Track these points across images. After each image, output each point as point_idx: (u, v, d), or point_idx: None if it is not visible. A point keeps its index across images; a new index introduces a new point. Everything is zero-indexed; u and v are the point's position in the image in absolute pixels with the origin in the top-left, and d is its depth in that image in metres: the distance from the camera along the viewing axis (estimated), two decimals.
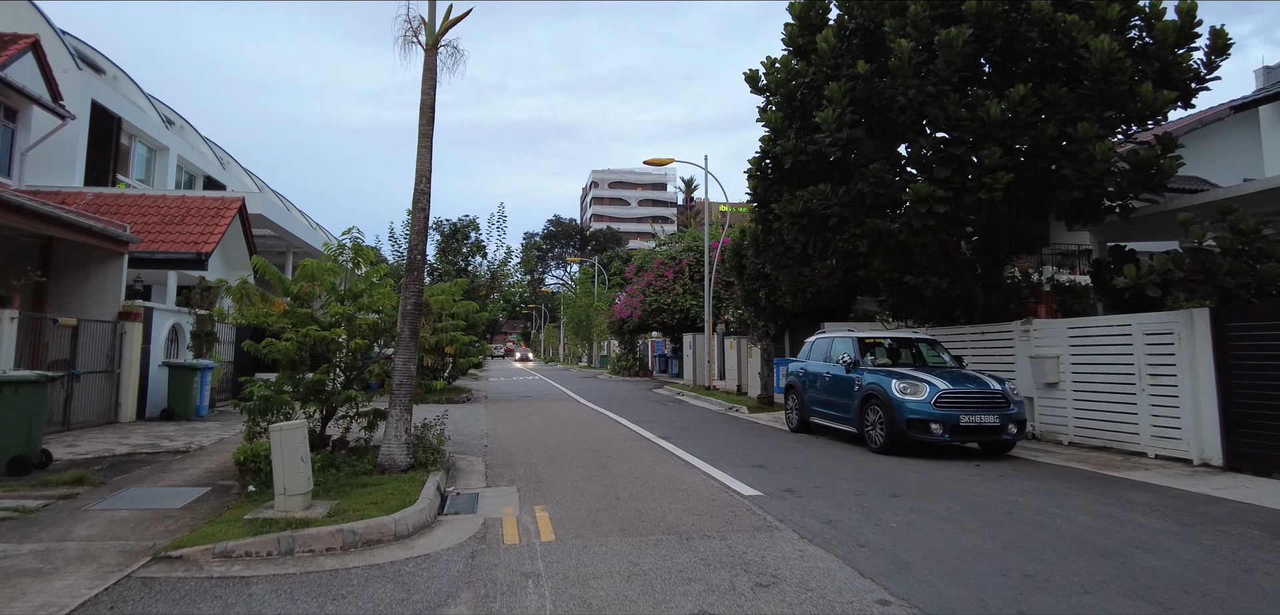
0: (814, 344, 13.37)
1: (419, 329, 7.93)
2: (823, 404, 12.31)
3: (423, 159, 8.15)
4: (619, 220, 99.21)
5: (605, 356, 49.46)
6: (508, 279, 23.51)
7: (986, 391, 10.31)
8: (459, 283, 9.06)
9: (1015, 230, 12.88)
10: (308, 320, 7.96)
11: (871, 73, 11.85)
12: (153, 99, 30.15)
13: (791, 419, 13.32)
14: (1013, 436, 10.28)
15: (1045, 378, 11.98)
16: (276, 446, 6.01)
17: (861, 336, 12.12)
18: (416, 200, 8.10)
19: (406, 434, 7.83)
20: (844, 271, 15.91)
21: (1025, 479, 8.54)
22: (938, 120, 11.36)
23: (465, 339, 8.83)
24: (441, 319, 8.97)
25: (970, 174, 11.48)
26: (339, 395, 7.99)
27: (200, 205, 18.44)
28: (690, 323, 29.51)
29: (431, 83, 8.26)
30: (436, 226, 22.37)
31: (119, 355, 13.02)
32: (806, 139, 12.72)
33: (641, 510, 6.69)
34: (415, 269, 7.98)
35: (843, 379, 11.66)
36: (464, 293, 11.74)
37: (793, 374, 13.49)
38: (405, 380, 7.85)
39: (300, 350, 8.05)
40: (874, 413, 10.71)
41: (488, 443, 11.08)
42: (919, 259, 13.74)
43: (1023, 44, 11.75)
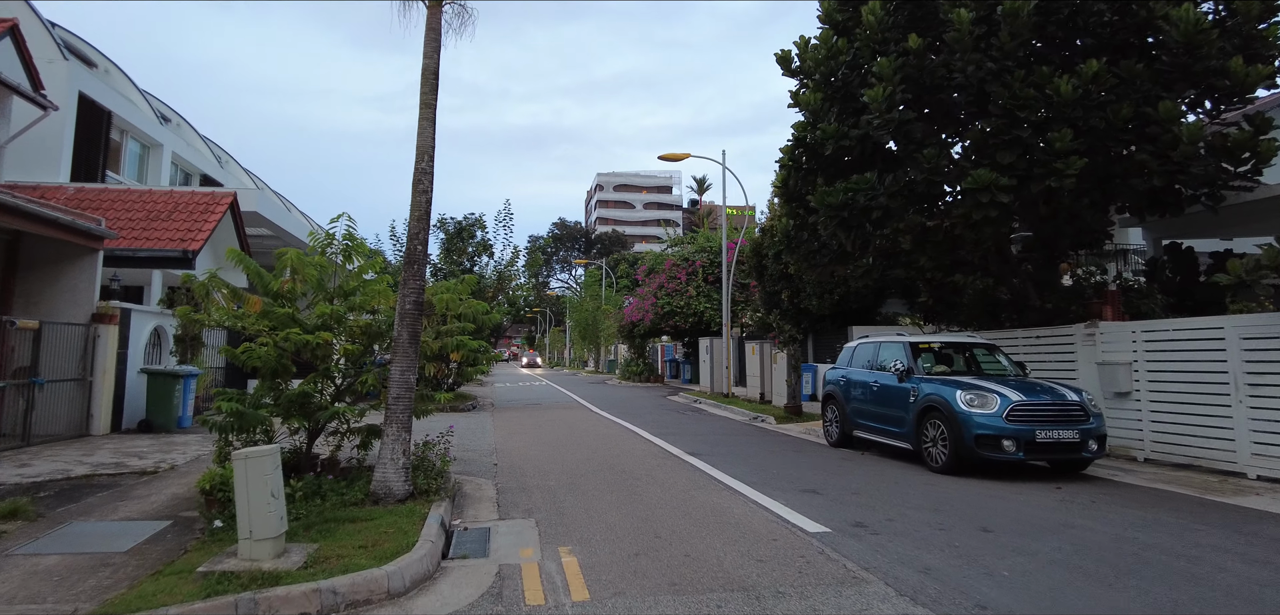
0: (855, 350, 12.14)
1: (420, 332, 6.75)
2: (869, 416, 11.09)
3: (424, 133, 6.97)
4: (624, 223, 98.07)
5: (613, 361, 48.25)
6: (514, 281, 22.34)
7: (1063, 403, 9.08)
8: (466, 279, 7.90)
9: (1078, 223, 11.65)
10: (288, 322, 6.78)
11: (924, 48, 10.65)
12: (148, 95, 29.05)
13: (831, 432, 12.10)
14: (1093, 454, 9.04)
15: (1116, 386, 10.74)
16: (240, 479, 4.82)
17: (914, 341, 10.88)
18: (417, 181, 6.92)
19: (404, 456, 6.63)
20: (880, 271, 14.69)
21: (1123, 506, 7.31)
22: (1000, 100, 10.15)
23: (473, 344, 7.67)
24: (445, 321, 7.81)
25: (1035, 160, 10.26)
26: (325, 410, 6.80)
27: (188, 201, 17.31)
28: (704, 326, 28.30)
29: (435, 43, 7.09)
30: (441, 225, 21.24)
31: (91, 361, 11.86)
32: (849, 123, 11.52)
33: (690, 554, 5.48)
34: (415, 262, 6.80)
35: (894, 389, 10.44)
36: (471, 291, 10.62)
37: (832, 383, 12.26)
38: (403, 393, 6.66)
39: (281, 357, 6.86)
40: (934, 427, 9.49)
41: (498, 460, 9.88)
42: (970, 256, 12.51)
43: (1089, 17, 10.54)
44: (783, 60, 13.19)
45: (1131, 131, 10.16)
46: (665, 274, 29.72)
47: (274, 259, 7.23)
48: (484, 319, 8.47)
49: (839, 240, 12.68)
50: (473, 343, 7.75)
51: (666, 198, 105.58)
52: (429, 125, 7.00)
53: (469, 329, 7.98)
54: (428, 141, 6.97)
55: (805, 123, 12.42)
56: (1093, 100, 9.96)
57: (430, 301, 7.81)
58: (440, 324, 7.92)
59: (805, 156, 13.06)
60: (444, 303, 7.82)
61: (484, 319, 8.47)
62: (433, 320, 8.01)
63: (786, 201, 14.43)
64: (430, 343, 7.57)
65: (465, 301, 8.21)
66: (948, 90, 10.92)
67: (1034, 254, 13.15)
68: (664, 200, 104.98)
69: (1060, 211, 11.20)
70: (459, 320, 7.97)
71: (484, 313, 8.25)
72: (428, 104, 7.02)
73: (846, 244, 12.78)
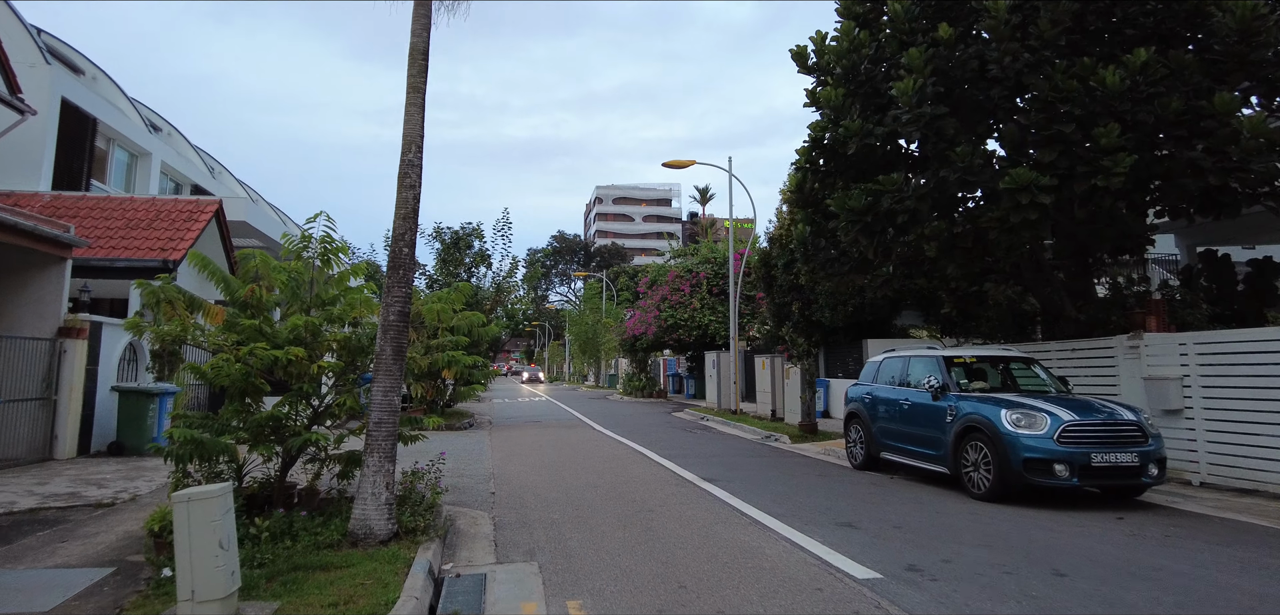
0: (881, 365, 11.29)
1: (405, 348, 5.90)
2: (899, 437, 10.22)
3: (412, 120, 6.15)
4: (623, 236, 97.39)
5: (613, 376, 47.32)
6: (513, 293, 21.47)
7: (1119, 423, 8.23)
8: (460, 287, 7.04)
9: (1117, 227, 10.84)
10: (256, 335, 5.93)
11: (955, 39, 9.87)
12: (137, 103, 28.26)
13: (856, 454, 11.22)
14: (1153, 479, 8.18)
15: (1165, 404, 9.89)
16: (181, 526, 3.96)
17: (947, 355, 10.04)
18: (403, 175, 6.09)
19: (387, 490, 5.76)
20: (901, 281, 13.86)
21: (1204, 543, 6.45)
22: (1040, 92, 9.36)
23: (466, 361, 6.81)
24: (437, 335, 6.94)
25: (1078, 157, 9.45)
26: (296, 437, 5.93)
27: (171, 209, 16.49)
28: (709, 340, 27.45)
29: (425, 21, 6.27)
30: (437, 235, 20.41)
31: (57, 378, 10.98)
32: (874, 120, 10.72)
33: (724, 611, 4.60)
34: (401, 267, 5.95)
35: (928, 408, 9.58)
36: (466, 302, 9.85)
37: (856, 401, 11.40)
38: (385, 416, 5.80)
39: (248, 376, 6.01)
40: (976, 450, 8.63)
41: (495, 488, 8.99)
42: (1002, 263, 11.70)
43: (1131, 6, 9.77)
44: (798, 56, 12.42)
45: (1183, 126, 9.37)
46: (668, 286, 28.89)
47: (238, 262, 6.39)
48: (480, 332, 7.57)
49: (860, 247, 11.86)
50: (466, 359, 6.85)
51: (666, 211, 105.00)
52: (417, 111, 6.18)
53: (463, 343, 7.08)
54: (416, 129, 6.15)
55: (823, 122, 11.62)
56: (1140, 93, 9.18)
57: (419, 313, 6.95)
58: (430, 338, 7.05)
59: (822, 158, 12.27)
60: (434, 314, 6.95)
61: (480, 332, 7.57)
62: (422, 334, 7.15)
63: (802, 206, 13.62)
64: (418, 359, 6.70)
65: (459, 313, 7.35)
66: (981, 84, 10.13)
67: (1066, 261, 12.34)
68: (663, 213, 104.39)
69: (1100, 214, 10.38)
70: (451, 334, 7.08)
71: (479, 325, 7.35)
72: (416, 87, 6.21)
73: (868, 251, 11.97)
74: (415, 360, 6.65)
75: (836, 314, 18.26)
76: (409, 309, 5.99)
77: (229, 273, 6.83)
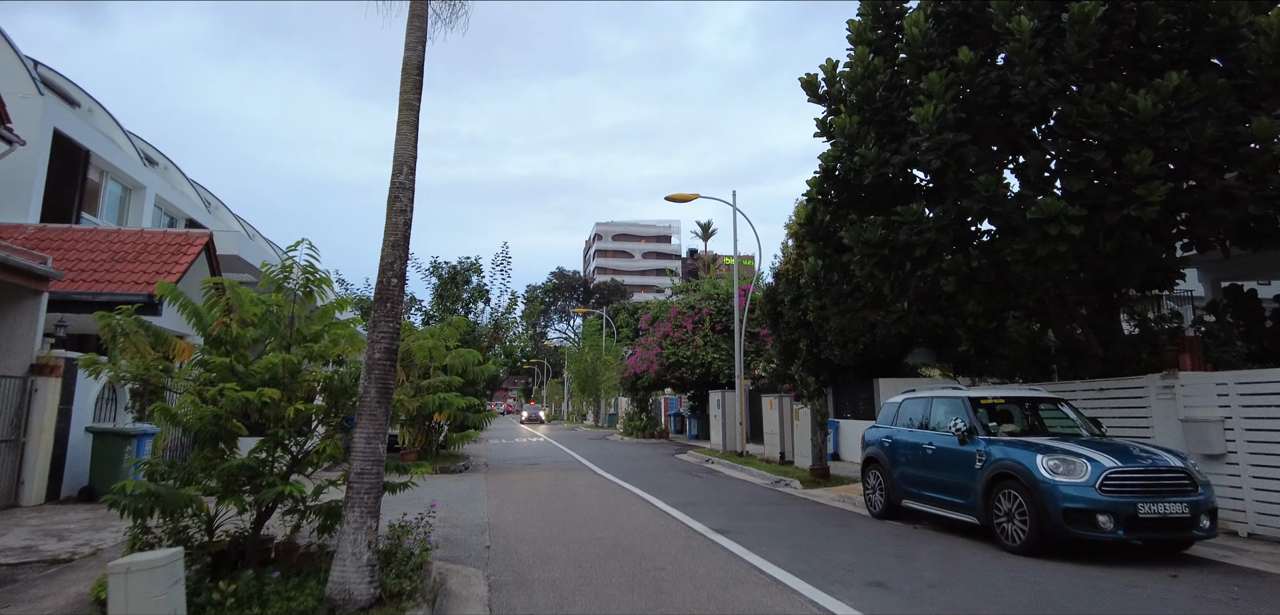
0: (900, 406, 10.68)
1: (392, 388, 5.31)
2: (922, 484, 9.58)
3: (404, 139, 5.64)
4: (623, 273, 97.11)
5: (613, 415, 46.51)
6: (512, 330, 20.90)
7: (1166, 470, 7.61)
8: (455, 322, 6.47)
9: (1147, 259, 10.33)
10: (226, 373, 5.34)
11: (975, 63, 9.47)
12: (133, 136, 27.96)
13: (875, 501, 10.56)
14: (1205, 532, 7.53)
15: (1206, 448, 9.29)
16: (117, 600, 3.34)
17: (974, 396, 9.44)
18: (393, 198, 5.57)
19: (369, 549, 5.13)
20: (915, 317, 13.32)
21: (1276, 606, 5.81)
22: (1068, 118, 8.92)
23: (460, 403, 6.18)
24: (428, 374, 6.33)
25: (1109, 186, 8.98)
26: (269, 488, 5.31)
27: (159, 242, 16.00)
28: (712, 378, 26.80)
29: (420, 34, 5.80)
30: (434, 270, 19.89)
31: (26, 419, 10.34)
32: (891, 148, 10.28)
33: None
34: (388, 299, 5.39)
35: (955, 453, 8.96)
36: (460, 338, 9.35)
37: (874, 444, 10.77)
38: (369, 466, 5.19)
39: (219, 420, 5.41)
40: (1009, 499, 7.99)
41: (490, 540, 8.32)
42: (1025, 298, 11.17)
43: (1154, 30, 9.40)
44: (808, 85, 12.04)
45: (1218, 153, 8.92)
46: (670, 322, 28.33)
47: (203, 291, 5.83)
48: (476, 371, 6.95)
49: (875, 281, 11.34)
50: (460, 401, 6.22)
51: (665, 247, 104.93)
52: (410, 130, 5.68)
53: (456, 383, 6.46)
54: (408, 150, 5.64)
55: (835, 151, 11.18)
56: (1172, 118, 8.74)
57: (409, 351, 6.36)
58: (421, 378, 6.45)
59: (834, 189, 11.81)
60: (425, 352, 6.36)
61: (476, 371, 6.95)
62: (412, 374, 6.55)
63: (813, 240, 13.14)
64: (406, 401, 6.11)
65: (453, 351, 6.76)
66: (1003, 110, 9.71)
67: (1090, 296, 11.80)
68: (663, 249, 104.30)
69: (1128, 246, 9.88)
70: (444, 373, 6.47)
71: (474, 363, 6.73)
72: (409, 105, 5.71)
73: (883, 286, 11.45)
74: (403, 402, 6.04)
75: (846, 352, 17.68)
76: (397, 346, 5.42)
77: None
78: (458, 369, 6.50)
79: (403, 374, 6.28)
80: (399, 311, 5.48)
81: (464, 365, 6.48)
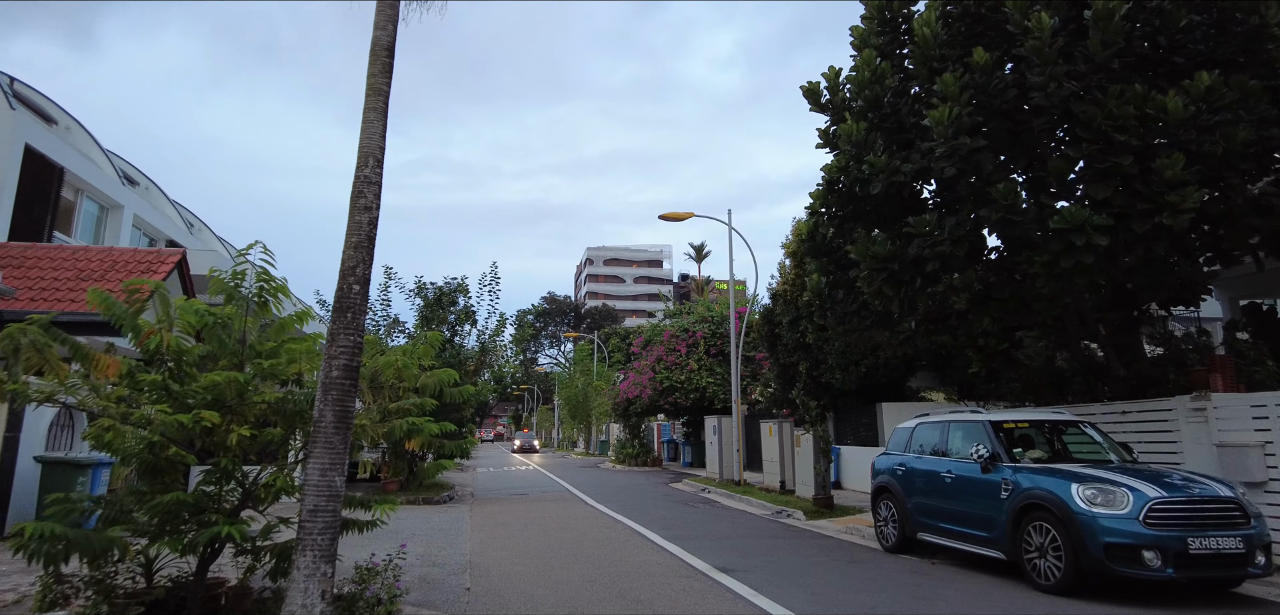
0: (914, 431, 10.00)
1: (352, 411, 4.59)
2: (940, 515, 8.87)
3: (371, 129, 4.97)
4: (614, 298, 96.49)
5: (604, 442, 45.56)
6: (500, 355, 20.13)
7: (1215, 499, 6.94)
8: (431, 336, 5.73)
9: (1173, 273, 9.76)
10: (161, 394, 4.60)
11: (991, 64, 8.93)
12: (112, 155, 27.20)
13: (887, 534, 9.83)
14: (1261, 568, 6.85)
15: (1245, 474, 8.63)
16: None
17: (995, 420, 8.77)
18: (356, 194, 4.88)
19: (323, 601, 4.38)
20: (924, 337, 12.68)
21: None
22: (1093, 122, 8.35)
23: (433, 429, 5.40)
24: (400, 394, 5.58)
25: (1137, 194, 8.41)
26: (204, 530, 4.55)
27: (129, 260, 15.18)
28: (707, 403, 26.05)
29: (391, 11, 5.15)
30: (419, 291, 19.15)
31: None
32: (901, 156, 9.69)
33: None
34: (350, 309, 4.69)
35: (977, 481, 8.27)
36: (438, 354, 8.70)
37: (886, 473, 10.06)
38: (323, 502, 4.45)
39: (154, 449, 4.66)
40: (1040, 532, 7.29)
41: (471, 582, 7.51)
42: (1043, 316, 10.55)
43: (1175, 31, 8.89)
44: (810, 93, 11.49)
45: (1251, 158, 8.38)
46: (664, 346, 27.61)
47: (128, 288, 5.09)
48: (454, 394, 6.18)
49: (884, 299, 10.70)
50: (432, 426, 5.45)
51: (657, 272, 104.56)
52: (378, 119, 5.01)
53: (430, 406, 5.68)
54: (375, 141, 4.97)
55: (840, 160, 10.58)
56: (1204, 121, 8.20)
57: (377, 370, 5.62)
58: (391, 401, 5.70)
59: (838, 202, 11.21)
60: (394, 371, 5.60)
61: (454, 394, 6.18)
62: (382, 396, 5.80)
63: (815, 256, 12.52)
64: (370, 427, 5.36)
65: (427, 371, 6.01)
66: (1020, 114, 9.16)
67: (1110, 313, 11.20)
68: (654, 274, 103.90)
69: (1153, 259, 9.29)
70: (417, 395, 5.70)
71: (450, 383, 5.96)
72: (378, 89, 5.05)
73: (892, 304, 10.82)
74: (366, 429, 5.29)
75: (848, 375, 17.03)
76: (358, 362, 4.70)
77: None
78: (431, 390, 5.72)
79: (370, 396, 5.54)
80: (362, 323, 4.76)
81: (438, 386, 5.71)
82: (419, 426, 5.26)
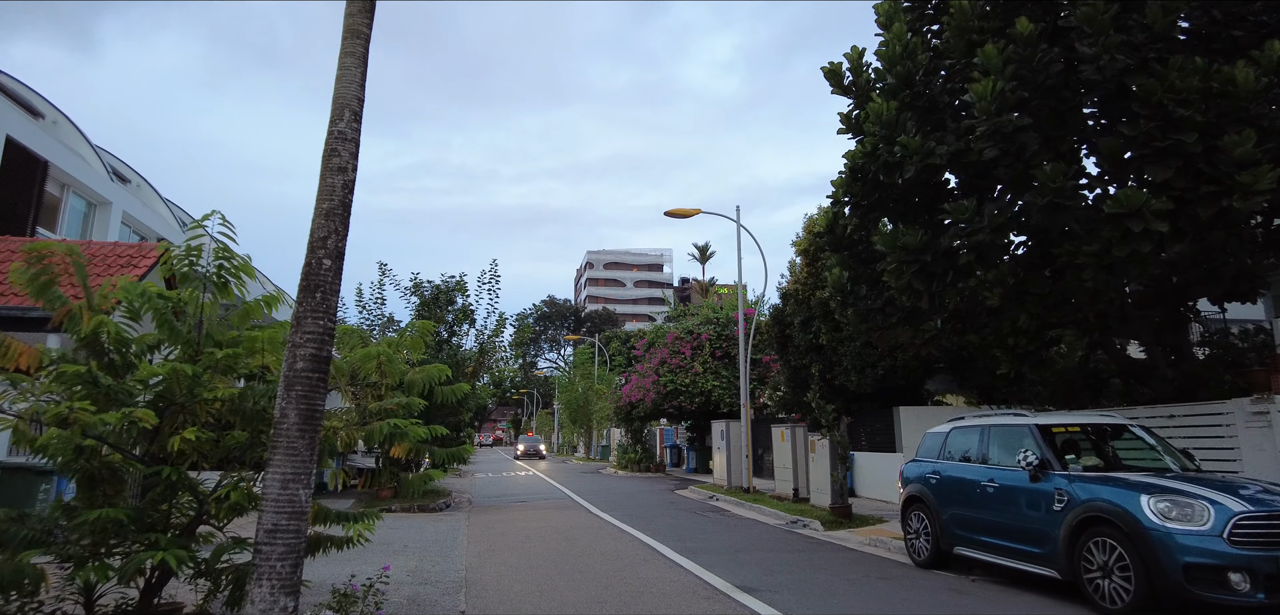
0: (948, 436, 9.21)
1: (320, 410, 3.81)
2: (982, 528, 8.08)
3: (348, 77, 4.21)
4: (614, 301, 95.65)
5: (605, 447, 44.72)
6: (498, 354, 19.31)
7: None
8: (422, 326, 4.90)
9: (1229, 264, 8.99)
10: (92, 387, 3.83)
11: (1036, 36, 8.18)
12: (102, 151, 26.44)
13: (919, 548, 9.04)
14: None
15: None
16: None
17: (1043, 423, 7.98)
18: (330, 152, 4.11)
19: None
20: (950, 336, 11.89)
21: None
22: (1149, 96, 7.60)
23: (420, 432, 4.59)
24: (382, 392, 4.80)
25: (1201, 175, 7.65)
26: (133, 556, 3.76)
27: (108, 254, 14.40)
28: (712, 407, 25.25)
29: None
30: (415, 289, 18.36)
31: None
32: (935, 137, 8.94)
33: None
34: (320, 288, 3.91)
35: (1025, 491, 7.48)
36: (435, 351, 7.98)
37: (917, 481, 9.28)
38: (284, 521, 3.66)
39: (83, 456, 3.88)
40: (1103, 549, 6.50)
41: (466, 605, 6.69)
42: (1086, 312, 9.79)
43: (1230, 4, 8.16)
44: (832, 75, 10.74)
45: None
46: (668, 348, 26.82)
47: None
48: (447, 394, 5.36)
49: (913, 293, 9.94)
50: (419, 430, 4.59)
51: (658, 276, 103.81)
52: (356, 66, 4.24)
53: (418, 406, 4.84)
54: (353, 91, 4.20)
55: (866, 146, 9.81)
56: (1275, 94, 7.46)
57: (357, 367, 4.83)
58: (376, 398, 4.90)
59: (861, 192, 10.46)
60: (373, 366, 4.78)
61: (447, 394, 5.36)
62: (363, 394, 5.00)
63: (835, 249, 11.76)
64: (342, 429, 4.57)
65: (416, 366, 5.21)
66: (1064, 92, 8.41)
67: (1151, 309, 10.44)
68: (655, 278, 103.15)
69: (1212, 248, 8.52)
70: (401, 396, 4.85)
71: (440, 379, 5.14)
72: (356, 33, 4.28)
73: (921, 299, 10.05)
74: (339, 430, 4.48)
75: (864, 378, 16.24)
76: (329, 352, 3.93)
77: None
78: (419, 388, 4.91)
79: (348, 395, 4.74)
80: (334, 305, 3.99)
81: (427, 384, 4.91)
82: (403, 430, 4.46)
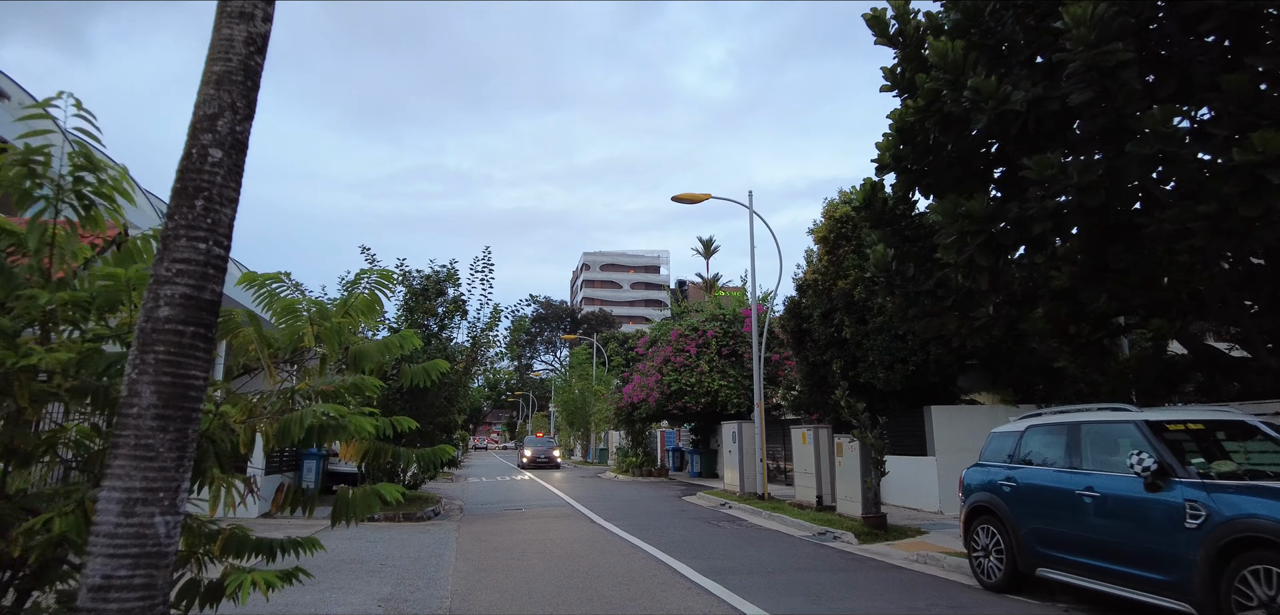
0: (1023, 436, 7.79)
1: (200, 385, 2.37)
2: (1075, 546, 6.66)
3: None
4: (611, 303, 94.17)
5: (603, 450, 43.23)
6: (492, 348, 17.87)
7: None
8: (382, 274, 3.44)
9: None
10: None
11: None
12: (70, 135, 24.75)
13: (990, 567, 7.61)
14: None
15: None
16: None
17: (1153, 419, 6.56)
18: None
19: None
20: (1005, 323, 10.46)
21: None
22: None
23: (368, 428, 3.10)
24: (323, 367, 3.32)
25: None
26: None
27: None
28: (719, 408, 23.82)
29: None
30: (403, 278, 16.90)
31: None
32: (1011, 80, 7.52)
33: None
34: (202, 193, 2.47)
35: (1139, 503, 6.07)
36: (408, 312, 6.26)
37: (984, 489, 7.86)
38: (124, 570, 2.20)
39: None
40: (1265, 582, 5.09)
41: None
42: (1180, 292, 8.38)
43: None
44: (875, 22, 9.33)
45: None
46: (671, 346, 25.38)
47: None
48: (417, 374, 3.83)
49: (975, 271, 8.52)
50: (366, 424, 2.91)
51: (654, 277, 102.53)
52: None
53: (374, 390, 3.26)
54: None
55: (920, 100, 8.39)
56: None
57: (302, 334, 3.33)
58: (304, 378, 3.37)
59: (912, 156, 9.06)
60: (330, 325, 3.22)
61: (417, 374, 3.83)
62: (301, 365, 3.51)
63: (876, 225, 10.36)
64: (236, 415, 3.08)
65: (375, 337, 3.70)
66: (1175, 22, 7.03)
67: (1244, 291, 9.06)
68: (652, 280, 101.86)
69: None
70: (354, 387, 3.22)
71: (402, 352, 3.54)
72: None
73: (982, 278, 8.65)
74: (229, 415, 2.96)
75: (893, 374, 14.84)
76: (216, 295, 2.48)
77: None
78: (374, 363, 3.31)
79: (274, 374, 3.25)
80: (227, 223, 2.55)
81: (387, 359, 3.28)
82: (342, 422, 2.96)
